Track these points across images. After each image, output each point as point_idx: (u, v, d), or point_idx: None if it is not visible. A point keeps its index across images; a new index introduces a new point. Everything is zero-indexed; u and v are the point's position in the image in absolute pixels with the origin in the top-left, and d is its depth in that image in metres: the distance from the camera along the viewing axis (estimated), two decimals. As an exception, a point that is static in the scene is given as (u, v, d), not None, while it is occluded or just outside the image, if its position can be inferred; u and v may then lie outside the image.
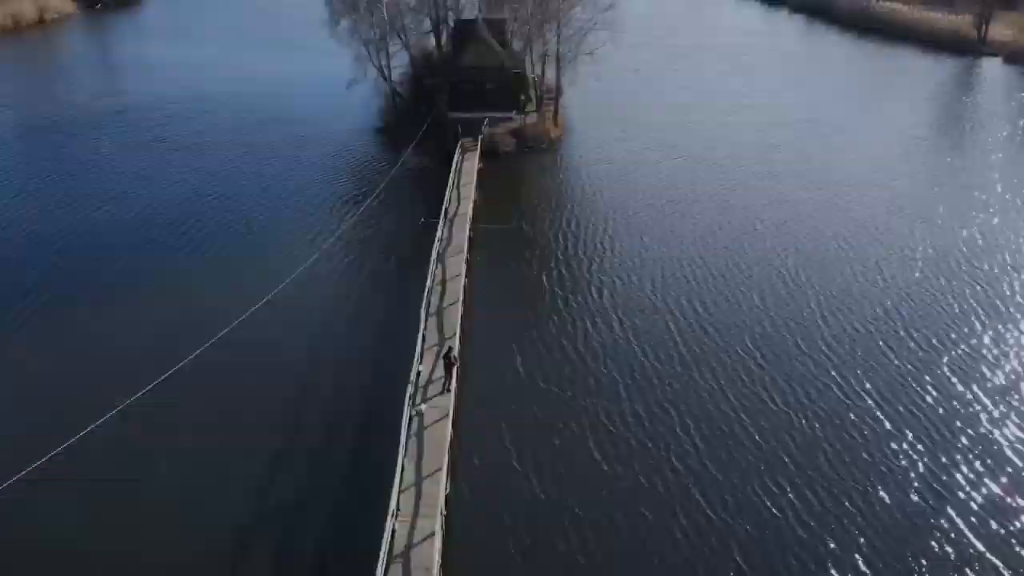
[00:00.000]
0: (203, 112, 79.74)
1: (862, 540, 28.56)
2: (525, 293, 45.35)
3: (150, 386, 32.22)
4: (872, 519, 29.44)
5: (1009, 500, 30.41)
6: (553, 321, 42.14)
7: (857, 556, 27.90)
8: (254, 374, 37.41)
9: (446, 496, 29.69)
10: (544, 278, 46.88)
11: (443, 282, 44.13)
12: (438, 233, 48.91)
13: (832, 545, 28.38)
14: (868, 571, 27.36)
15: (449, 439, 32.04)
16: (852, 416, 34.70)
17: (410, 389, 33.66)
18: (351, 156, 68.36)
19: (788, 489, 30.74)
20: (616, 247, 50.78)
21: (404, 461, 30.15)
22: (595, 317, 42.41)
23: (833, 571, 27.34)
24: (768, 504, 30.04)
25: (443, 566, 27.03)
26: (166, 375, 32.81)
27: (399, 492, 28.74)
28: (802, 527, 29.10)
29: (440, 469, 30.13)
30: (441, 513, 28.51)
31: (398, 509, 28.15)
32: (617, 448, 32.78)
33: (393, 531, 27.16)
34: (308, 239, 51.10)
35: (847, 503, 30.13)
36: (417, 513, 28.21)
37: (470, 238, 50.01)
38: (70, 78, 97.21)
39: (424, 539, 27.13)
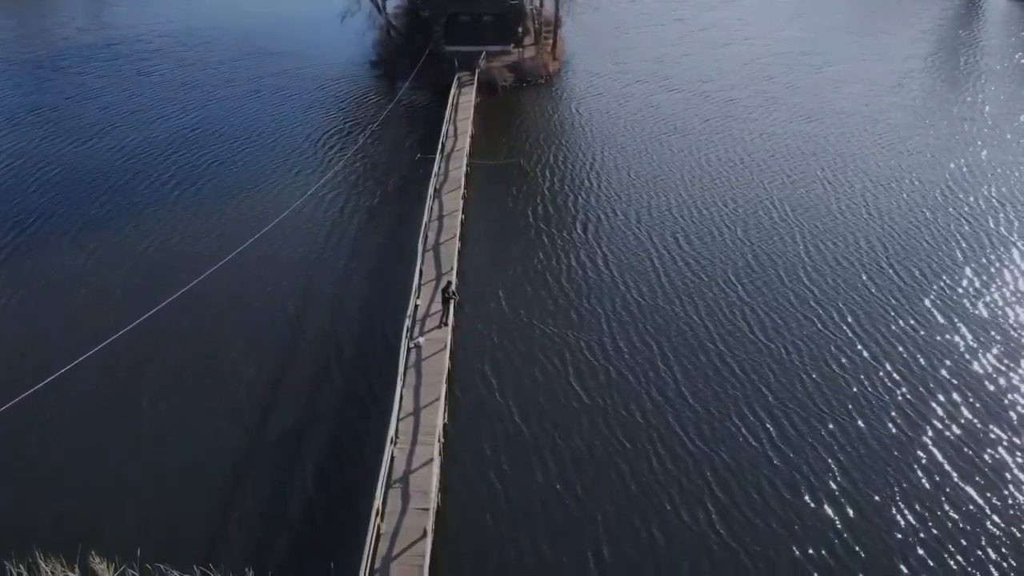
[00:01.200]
0: (192, 46, 79.00)
1: (837, 468, 29.11)
2: (522, 228, 45.40)
3: (138, 320, 32.23)
4: (848, 448, 29.97)
5: (985, 430, 30.89)
6: (550, 256, 42.36)
7: (831, 484, 28.46)
8: (248, 309, 37.76)
9: (444, 425, 30.42)
10: (543, 213, 46.95)
11: (440, 217, 44.38)
12: (435, 168, 48.87)
13: (807, 473, 28.91)
14: (842, 498, 27.92)
15: (447, 371, 32.61)
16: (832, 347, 35.18)
17: (407, 322, 34.24)
18: (345, 91, 67.93)
19: (765, 419, 31.28)
20: (614, 181, 50.76)
21: (402, 391, 30.74)
22: (591, 252, 42.67)
23: (807, 498, 27.90)
24: (745, 433, 30.63)
25: (441, 491, 27.97)
26: (155, 310, 32.83)
27: (398, 420, 29.35)
28: (778, 455, 29.66)
29: (438, 399, 30.70)
30: (439, 440, 29.15)
31: (397, 436, 28.81)
32: (598, 380, 33.26)
33: (392, 457, 27.87)
34: (302, 174, 51.18)
35: (823, 432, 30.69)
36: (416, 440, 28.86)
37: (467, 173, 49.97)
38: (56, 11, 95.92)
39: (422, 465, 27.78)
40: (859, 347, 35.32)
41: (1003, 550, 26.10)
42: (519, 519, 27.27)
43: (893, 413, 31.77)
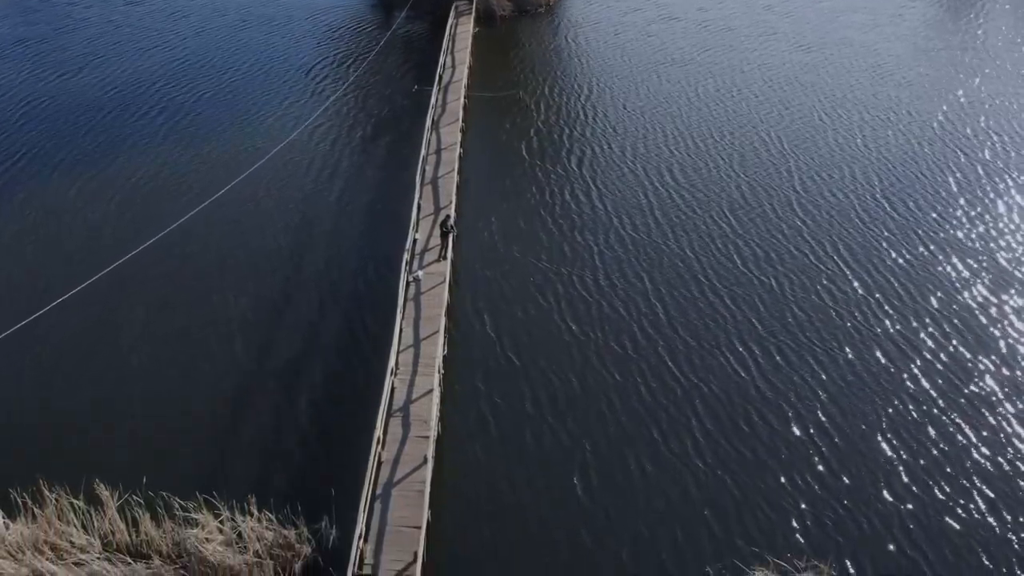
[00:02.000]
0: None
1: (824, 398, 29.66)
2: (521, 161, 45.31)
3: (128, 255, 32.54)
4: (835, 378, 30.49)
5: (973, 360, 31.37)
6: (549, 189, 42.37)
7: (818, 413, 29.04)
8: (242, 244, 37.93)
9: (444, 357, 30.86)
10: (542, 146, 46.82)
11: (438, 151, 44.22)
12: (432, 100, 48.51)
13: (794, 402, 29.47)
14: (828, 427, 28.52)
15: (446, 304, 32.94)
16: (823, 279, 35.48)
17: (406, 256, 34.46)
18: (340, 21, 66.80)
19: (754, 350, 31.74)
20: (611, 113, 50.45)
21: (402, 324, 31.15)
22: (587, 186, 42.68)
23: (793, 427, 28.50)
24: (733, 364, 31.11)
25: (441, 420, 28.52)
26: (145, 245, 33.13)
27: (397, 352, 29.83)
28: (765, 386, 30.17)
29: (437, 332, 31.12)
30: (439, 372, 29.64)
31: (397, 368, 29.31)
32: (590, 314, 33.60)
33: (392, 388, 28.41)
34: (295, 106, 50.84)
35: (811, 363, 31.16)
36: (416, 372, 29.38)
37: (465, 105, 49.63)
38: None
39: (423, 395, 28.34)
40: (850, 279, 35.64)
41: (987, 479, 26.70)
42: (514, 447, 27.90)
43: (882, 344, 32.19)
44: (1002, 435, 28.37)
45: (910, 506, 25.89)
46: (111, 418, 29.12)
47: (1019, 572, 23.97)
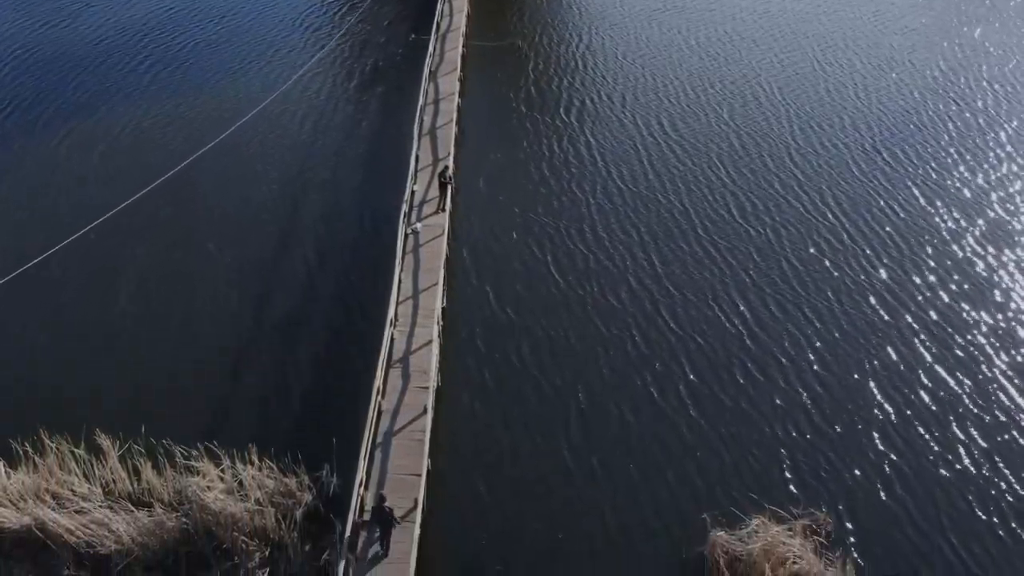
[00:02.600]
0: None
1: (812, 350, 29.94)
2: (521, 112, 44.97)
3: (117, 208, 32.49)
4: (824, 331, 30.77)
5: (963, 310, 31.68)
6: (548, 141, 42.15)
7: (805, 365, 29.33)
8: (236, 196, 37.81)
9: (443, 308, 31.05)
10: (541, 96, 46.45)
11: (436, 101, 43.74)
12: (430, 49, 47.92)
13: (781, 355, 29.74)
14: (815, 380, 28.83)
15: (445, 256, 33.01)
16: (814, 231, 35.62)
17: (404, 207, 34.45)
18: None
19: (744, 303, 31.94)
20: (611, 62, 50.04)
21: (401, 276, 31.26)
22: (589, 137, 42.48)
23: (780, 380, 28.76)
24: (722, 317, 31.29)
25: (441, 371, 28.76)
26: (134, 197, 33.11)
27: (397, 304, 29.99)
28: (753, 339, 30.39)
29: (436, 284, 31.26)
30: (438, 323, 29.85)
31: (396, 319, 29.54)
32: (576, 268, 33.65)
33: (392, 339, 28.63)
34: (289, 56, 50.12)
35: (800, 315, 31.42)
36: (415, 323, 29.58)
37: (463, 55, 49.13)
38: None
39: (422, 346, 28.58)
40: (841, 231, 35.79)
41: (972, 431, 27.14)
42: (512, 398, 28.25)
43: (874, 295, 32.47)
44: (993, 386, 28.76)
45: (901, 456, 26.32)
46: (109, 368, 29.35)
47: (1005, 518, 24.50)
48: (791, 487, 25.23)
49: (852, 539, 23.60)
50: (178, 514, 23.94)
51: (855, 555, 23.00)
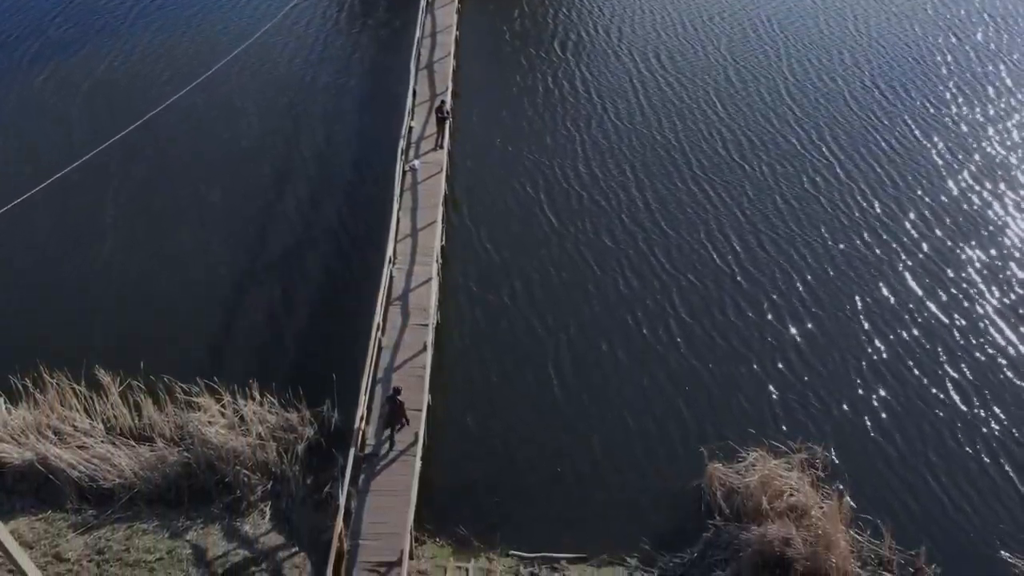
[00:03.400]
0: None
1: (802, 287, 30.08)
2: (519, 45, 44.41)
3: (106, 143, 31.26)
4: (816, 267, 30.89)
5: (954, 248, 31.79)
6: (543, 77, 41.61)
7: (796, 302, 29.46)
8: (229, 130, 37.45)
9: (442, 247, 30.99)
10: (538, 30, 45.74)
11: (433, 34, 42.87)
12: None
13: (771, 291, 29.89)
14: (805, 316, 29.00)
15: (443, 193, 32.79)
16: (809, 167, 35.50)
17: (402, 144, 34.02)
18: None
19: (736, 240, 31.95)
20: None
21: (399, 214, 31.07)
22: (584, 74, 41.92)
23: (770, 316, 28.94)
24: (714, 255, 31.30)
25: (440, 308, 28.85)
26: (130, 127, 32.20)
27: (395, 242, 29.89)
28: (745, 276, 30.48)
29: (435, 222, 31.13)
30: (437, 261, 29.82)
31: (395, 257, 29.47)
32: (570, 207, 33.53)
33: (391, 277, 28.64)
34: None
35: (792, 252, 31.47)
36: (414, 261, 29.58)
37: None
38: None
39: (421, 284, 28.65)
40: (836, 167, 35.69)
41: (962, 366, 27.43)
42: (510, 337, 28.44)
43: (865, 232, 32.50)
44: (984, 323, 28.98)
45: (893, 392, 26.65)
46: (107, 306, 29.37)
47: (994, 454, 24.95)
48: (785, 423, 25.58)
49: (847, 474, 24.00)
50: (180, 448, 24.13)
51: (851, 489, 23.37)
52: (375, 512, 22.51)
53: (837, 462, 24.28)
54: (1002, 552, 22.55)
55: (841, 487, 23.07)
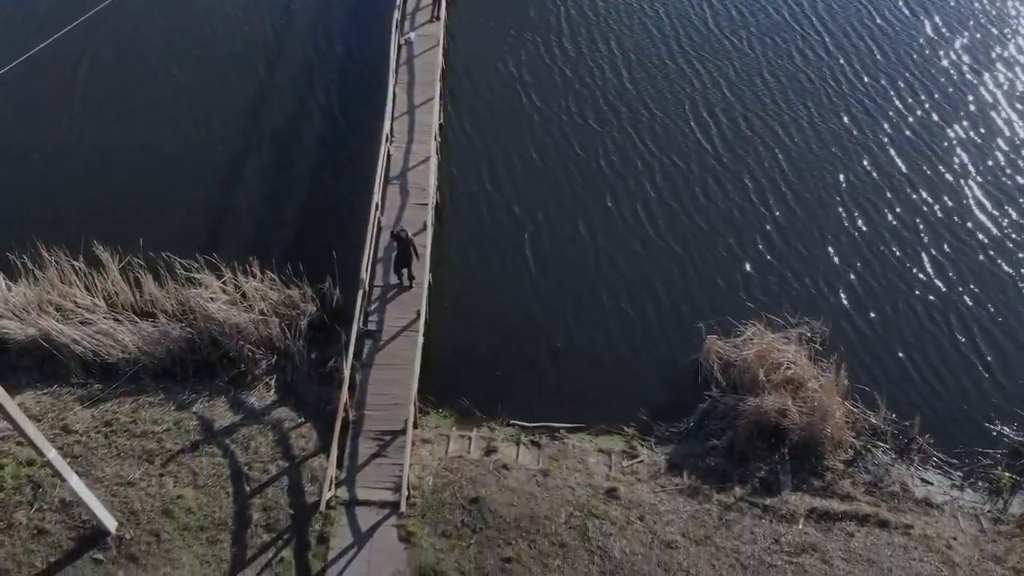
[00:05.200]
0: None
1: (785, 165, 29.89)
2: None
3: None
4: (799, 145, 30.69)
5: (940, 125, 31.61)
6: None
7: (778, 181, 29.37)
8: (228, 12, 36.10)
9: (440, 124, 30.60)
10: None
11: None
12: None
13: (753, 169, 29.75)
14: (787, 194, 28.99)
15: (440, 68, 32.12)
16: (797, 41, 34.79)
17: (396, 15, 32.91)
18: None
19: (720, 118, 31.57)
20: None
21: (395, 89, 30.45)
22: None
23: (751, 194, 28.97)
24: (696, 134, 31.02)
25: (440, 188, 28.73)
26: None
27: (392, 119, 29.41)
28: (727, 154, 30.25)
29: (432, 98, 30.61)
30: (436, 139, 29.48)
31: (392, 135, 29.08)
32: (554, 84, 32.91)
33: (389, 155, 28.37)
34: None
35: (777, 129, 31.20)
36: (412, 139, 29.22)
37: None
38: None
39: (420, 163, 28.40)
40: (825, 42, 35.06)
41: (943, 245, 27.78)
42: (512, 218, 28.42)
43: (850, 109, 32.27)
44: (959, 198, 29.20)
45: (888, 267, 27.08)
46: (103, 183, 28.99)
47: (981, 326, 25.67)
48: (782, 300, 25.99)
49: (845, 348, 24.70)
50: (182, 324, 24.26)
51: (848, 362, 23.94)
52: (379, 384, 22.99)
53: (835, 337, 24.91)
54: (995, 423, 23.53)
55: (838, 361, 23.67)
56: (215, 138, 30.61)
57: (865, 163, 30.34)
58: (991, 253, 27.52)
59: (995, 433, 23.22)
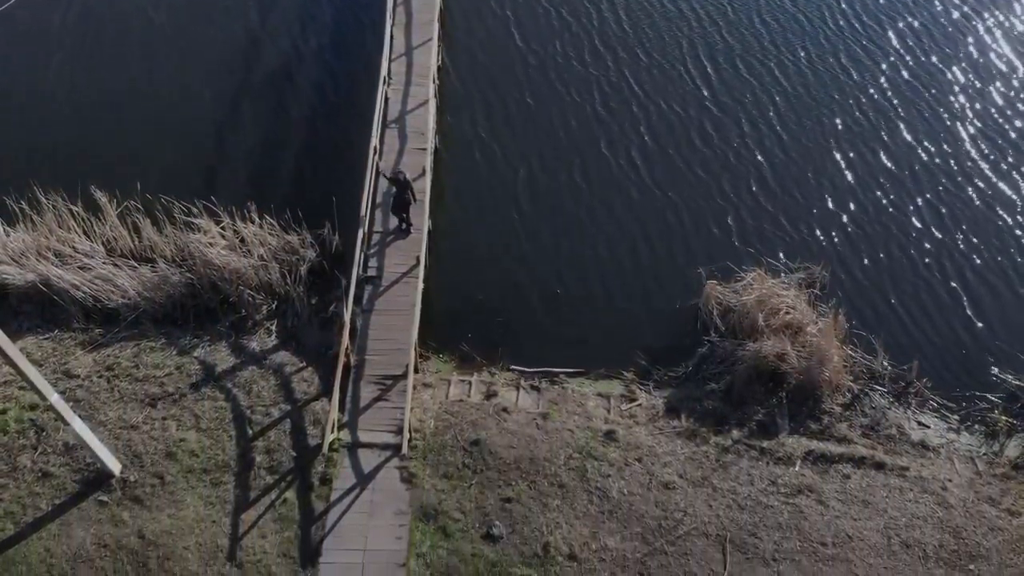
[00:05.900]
0: None
1: (775, 111, 29.56)
2: None
3: None
4: (791, 89, 30.28)
5: (939, 66, 31.36)
6: None
7: (768, 128, 29.10)
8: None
9: (439, 67, 30.30)
10: None
11: None
12: None
13: (744, 115, 29.45)
14: (776, 142, 28.71)
15: (439, 8, 31.61)
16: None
17: None
18: None
19: (717, 60, 31.16)
20: None
21: (392, 30, 30.07)
22: None
23: (748, 139, 28.77)
24: (688, 78, 30.58)
25: (439, 132, 28.51)
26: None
27: (389, 61, 29.10)
28: (718, 99, 29.93)
29: (431, 40, 30.22)
30: (434, 82, 29.19)
31: (390, 77, 28.78)
32: (550, 27, 32.42)
33: (386, 98, 28.10)
34: None
35: (771, 72, 30.81)
36: (409, 82, 28.92)
37: None
38: None
39: (418, 106, 28.15)
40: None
41: (938, 189, 27.71)
42: (511, 162, 28.20)
43: (848, 49, 31.86)
44: (952, 143, 28.97)
45: (886, 213, 27.04)
46: (97, 126, 28.67)
47: (980, 271, 25.73)
48: (781, 245, 26.00)
49: (844, 293, 24.80)
50: (182, 269, 24.22)
51: (847, 307, 24.07)
52: (380, 330, 23.08)
53: (834, 282, 24.96)
54: (993, 368, 23.71)
55: (837, 305, 23.77)
56: (209, 82, 30.20)
57: (857, 107, 30.00)
58: (988, 198, 27.46)
59: (993, 377, 23.43)
